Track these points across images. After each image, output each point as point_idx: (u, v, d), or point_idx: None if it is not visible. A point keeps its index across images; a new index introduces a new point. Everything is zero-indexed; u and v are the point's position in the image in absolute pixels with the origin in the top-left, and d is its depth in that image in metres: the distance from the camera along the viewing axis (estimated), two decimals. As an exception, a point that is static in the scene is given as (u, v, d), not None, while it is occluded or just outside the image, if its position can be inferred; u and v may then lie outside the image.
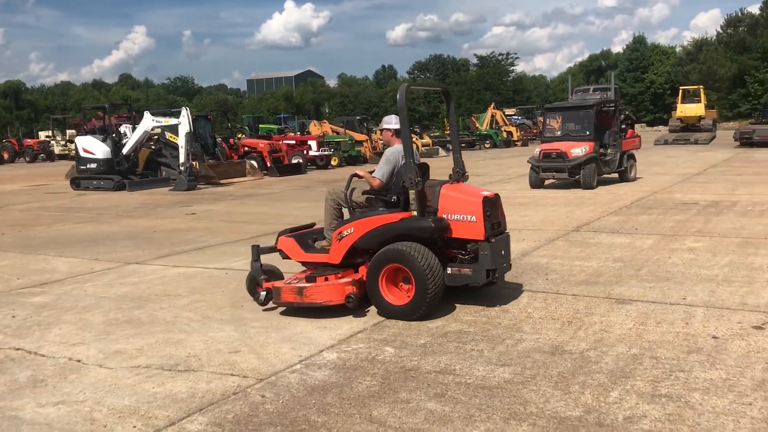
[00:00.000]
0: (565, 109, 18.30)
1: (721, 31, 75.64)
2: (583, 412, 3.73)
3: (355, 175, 6.22)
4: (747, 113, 59.91)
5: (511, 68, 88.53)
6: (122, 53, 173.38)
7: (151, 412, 3.96)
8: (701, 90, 40.51)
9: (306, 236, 6.44)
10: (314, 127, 32.56)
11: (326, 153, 27.47)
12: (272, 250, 6.50)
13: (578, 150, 15.98)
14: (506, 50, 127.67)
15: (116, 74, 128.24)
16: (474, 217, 5.66)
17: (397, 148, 6.13)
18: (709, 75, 64.83)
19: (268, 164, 24.16)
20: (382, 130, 6.65)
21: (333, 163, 27.62)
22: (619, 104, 18.78)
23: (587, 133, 16.37)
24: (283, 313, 5.95)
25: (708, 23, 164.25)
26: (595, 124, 16.36)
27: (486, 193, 5.87)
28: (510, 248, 6.17)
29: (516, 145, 42.39)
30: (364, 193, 6.21)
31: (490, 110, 45.50)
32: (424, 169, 6.12)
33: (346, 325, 5.55)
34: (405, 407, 3.89)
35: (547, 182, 16.76)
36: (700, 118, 38.77)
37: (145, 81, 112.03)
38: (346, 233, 5.90)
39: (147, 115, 21.00)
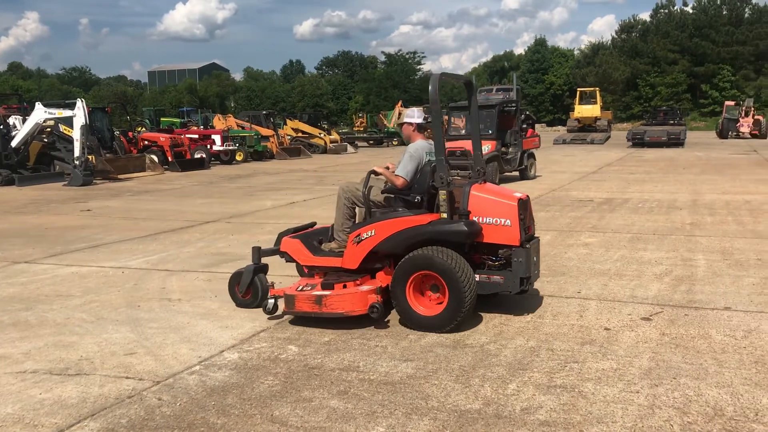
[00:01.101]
0: (469, 108, 18.66)
1: (615, 36, 79.57)
2: (482, 405, 3.80)
3: (373, 171, 5.69)
4: (639, 115, 63.25)
5: (419, 67, 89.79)
6: (12, 40, 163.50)
7: (38, 419, 3.74)
8: (597, 92, 42.46)
9: (311, 237, 5.89)
10: (218, 122, 31.78)
11: (231, 148, 26.91)
12: (275, 252, 5.97)
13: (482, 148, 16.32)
14: (413, 49, 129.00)
15: (5, 62, 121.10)
16: (509, 221, 5.23)
17: (420, 144, 5.78)
18: (604, 78, 67.97)
19: (170, 159, 23.42)
20: (401, 125, 6.13)
21: (238, 158, 27.11)
22: (520, 104, 19.37)
23: (490, 132, 16.77)
24: (182, 314, 5.77)
25: (604, 28, 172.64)
26: (498, 123, 16.81)
27: (519, 195, 5.47)
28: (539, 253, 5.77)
29: (423, 143, 42.91)
30: (383, 191, 5.72)
31: (398, 108, 45.89)
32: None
33: (249, 324, 5.44)
34: (307, 406, 3.85)
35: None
36: (596, 119, 40.65)
37: (38, 70, 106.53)
38: (365, 236, 5.34)
39: (39, 106, 19.91)
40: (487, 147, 16.35)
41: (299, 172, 22.40)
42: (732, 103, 47.37)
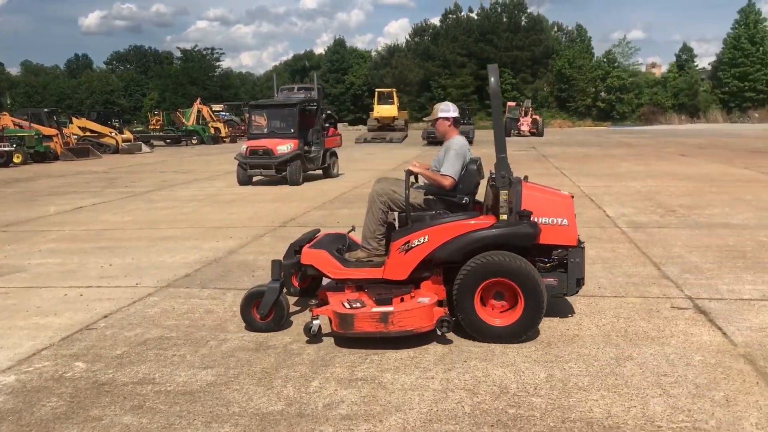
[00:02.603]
0: (269, 106, 18.57)
1: (409, 39, 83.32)
2: (285, 405, 3.78)
3: (410, 171, 5.22)
4: (433, 115, 66.75)
5: (217, 64, 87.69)
6: None
7: None
8: (394, 93, 44.17)
9: (330, 247, 5.36)
10: (-9, 120, 28.67)
11: (7, 149, 24.41)
12: (296, 265, 5.37)
13: (284, 147, 16.34)
14: (211, 45, 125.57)
15: None
16: (566, 221, 4.94)
17: (462, 140, 5.40)
18: (400, 79, 71.08)
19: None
20: (435, 120, 5.55)
21: (16, 160, 24.64)
22: (321, 104, 19.59)
23: (292, 130, 16.81)
24: (-53, 336, 5.11)
25: (399, 31, 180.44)
26: (299, 122, 16.86)
27: (567, 193, 5.21)
28: None
29: (224, 142, 42.04)
30: (428, 193, 5.32)
31: (197, 105, 44.46)
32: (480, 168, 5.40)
33: (28, 342, 4.95)
34: (97, 425, 3.57)
35: (255, 179, 16.88)
36: (394, 118, 42.27)
37: None
38: (416, 243, 4.86)
39: None
40: (290, 145, 16.40)
41: (87, 174, 20.87)
42: (513, 104, 51.67)
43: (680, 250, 7.67)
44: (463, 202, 5.21)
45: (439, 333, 4.72)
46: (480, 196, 5.51)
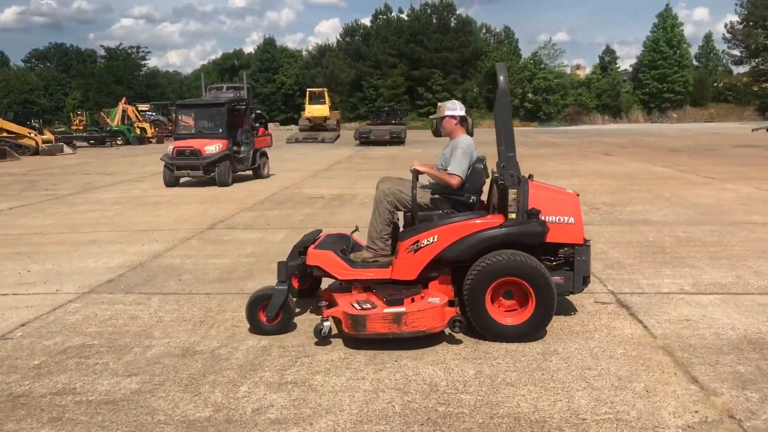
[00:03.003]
0: (197, 106, 18.19)
1: (340, 39, 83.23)
2: (212, 412, 3.70)
3: (416, 170, 5.13)
4: (365, 115, 66.99)
5: (143, 62, 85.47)
6: None
7: None
8: (325, 92, 43.98)
9: (335, 248, 5.26)
10: None
11: None
12: (301, 267, 5.27)
13: (212, 147, 16.04)
14: (136, 43, 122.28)
15: None
16: (572, 219, 4.98)
17: (469, 139, 5.36)
18: (332, 79, 70.93)
19: None
20: (441, 119, 5.51)
21: None
22: (251, 103, 19.33)
23: (220, 130, 16.52)
24: None
25: (330, 31, 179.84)
26: (228, 122, 16.59)
27: (572, 192, 5.25)
28: None
29: (151, 142, 41.03)
30: (434, 192, 5.26)
31: (122, 105, 43.21)
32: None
33: (-63, 354, 4.68)
34: (12, 440, 3.41)
35: (182, 180, 16.51)
36: (325, 118, 42.11)
37: None
38: (426, 243, 4.83)
39: None
40: (218, 146, 16.11)
41: (5, 176, 19.96)
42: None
43: (603, 246, 7.91)
44: (471, 201, 5.21)
45: (452, 332, 4.70)
46: (482, 195, 5.53)
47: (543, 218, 4.84)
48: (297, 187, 15.40)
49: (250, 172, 17.83)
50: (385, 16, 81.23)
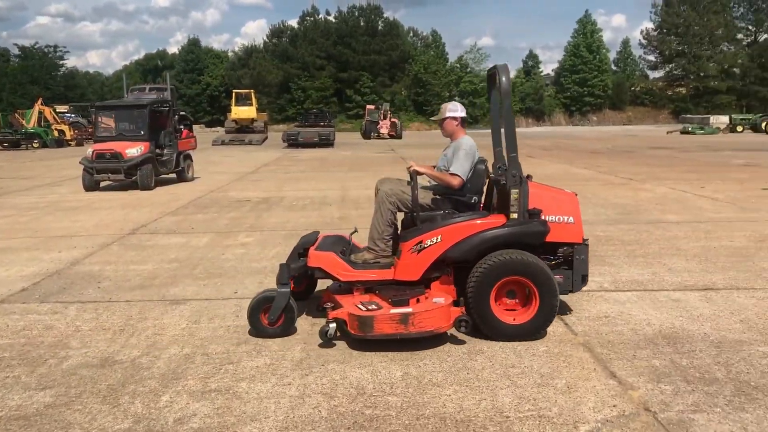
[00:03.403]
0: (117, 107, 17.65)
1: (267, 40, 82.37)
2: (132, 423, 3.57)
3: (416, 172, 5.06)
4: (293, 117, 66.51)
5: (61, 62, 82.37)
6: None
7: None
8: (252, 94, 43.50)
9: (334, 249, 5.17)
10: None
11: None
12: (302, 269, 5.20)
13: (134, 150, 15.58)
14: (54, 42, 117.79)
15: None
16: (572, 218, 5.03)
17: (471, 140, 5.34)
18: (259, 80, 70.12)
19: None
20: (443, 120, 5.47)
21: None
22: (174, 104, 18.89)
23: (142, 132, 16.07)
24: None
25: (256, 32, 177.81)
26: (150, 124, 16.16)
27: (570, 191, 5.30)
28: None
29: (70, 145, 39.49)
30: (436, 193, 5.21)
31: (38, 106, 41.46)
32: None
33: None
34: None
35: (102, 184, 15.96)
36: (252, 120, 41.63)
37: None
38: (429, 243, 4.81)
39: None
40: (140, 148, 15.67)
41: None
42: (372, 106, 52.44)
43: (527, 246, 8.09)
44: (472, 201, 5.26)
45: (458, 332, 4.71)
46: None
47: (544, 218, 4.93)
48: (223, 191, 15.13)
49: (173, 176, 17.43)
50: (312, 18, 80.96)
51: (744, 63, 77.84)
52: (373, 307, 4.69)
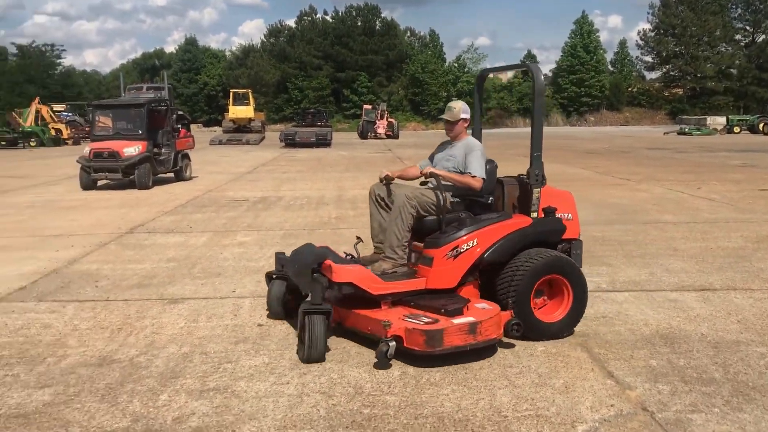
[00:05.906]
0: (115, 106, 17.63)
1: (265, 39, 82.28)
2: (131, 422, 3.57)
3: (434, 174, 5.04)
4: (290, 116, 66.46)
5: (58, 61, 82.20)
6: None
7: None
8: (250, 93, 43.52)
9: (338, 260, 4.97)
10: None
11: None
12: (330, 285, 4.72)
13: (131, 149, 15.57)
14: (51, 41, 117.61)
15: None
16: (570, 215, 5.22)
17: (476, 140, 5.44)
18: (256, 80, 70.03)
19: None
20: (456, 122, 5.33)
21: None
22: (172, 103, 18.87)
23: (140, 132, 16.05)
24: None
25: (254, 31, 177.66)
26: (147, 123, 16.15)
27: (563, 190, 5.48)
28: None
29: (67, 144, 39.47)
30: (455, 195, 5.14)
31: (35, 105, 41.38)
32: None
33: None
34: None
35: (100, 183, 15.94)
36: (250, 119, 41.66)
37: None
38: (465, 248, 4.73)
39: None
40: (137, 147, 15.66)
41: None
42: (369, 106, 52.42)
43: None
44: (489, 202, 5.26)
45: (514, 336, 4.58)
46: None
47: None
48: (220, 190, 15.13)
49: (171, 175, 17.42)
50: (309, 18, 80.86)
51: (741, 64, 77.94)
52: (425, 320, 4.39)
